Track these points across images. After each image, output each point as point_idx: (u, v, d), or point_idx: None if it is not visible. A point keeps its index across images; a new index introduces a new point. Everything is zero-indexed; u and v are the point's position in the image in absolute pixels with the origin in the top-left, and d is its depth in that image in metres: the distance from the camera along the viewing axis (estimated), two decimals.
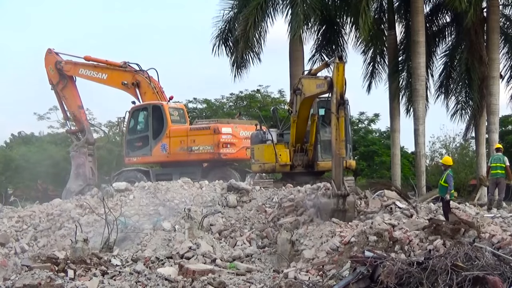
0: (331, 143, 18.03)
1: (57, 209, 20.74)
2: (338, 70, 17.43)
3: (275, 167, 21.84)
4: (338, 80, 17.40)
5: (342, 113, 17.13)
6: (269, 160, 21.81)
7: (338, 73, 17.45)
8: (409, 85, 30.99)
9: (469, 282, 9.76)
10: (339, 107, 17.16)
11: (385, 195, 18.78)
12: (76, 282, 12.94)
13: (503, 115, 41.25)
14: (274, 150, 21.68)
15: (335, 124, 17.14)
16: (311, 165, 21.92)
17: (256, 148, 22.42)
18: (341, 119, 17.08)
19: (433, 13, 32.58)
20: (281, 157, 21.64)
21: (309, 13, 28.17)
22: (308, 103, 20.63)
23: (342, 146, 17.31)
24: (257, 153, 22.36)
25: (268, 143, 21.94)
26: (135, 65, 26.61)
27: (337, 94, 17.26)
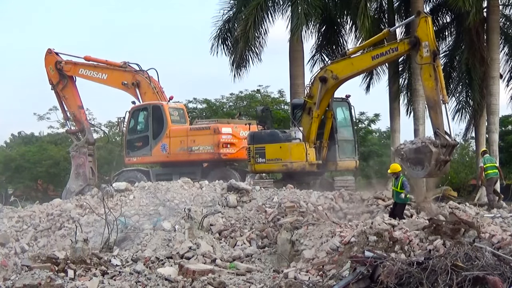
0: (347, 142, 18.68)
1: (57, 209, 20.75)
2: (427, 23, 18.79)
3: (305, 166, 21.78)
4: (429, 33, 18.70)
5: (439, 62, 18.87)
6: (299, 159, 21.69)
7: (427, 27, 18.80)
8: (409, 86, 30.96)
9: (469, 282, 9.76)
10: (435, 57, 18.66)
11: (386, 196, 18.80)
12: (76, 282, 12.95)
13: (503, 115, 41.20)
14: (305, 149, 21.59)
15: (431, 75, 18.50)
16: (325, 165, 22.03)
17: (272, 147, 22.17)
18: (439, 68, 18.68)
19: (433, 13, 32.52)
20: (309, 156, 21.63)
21: (309, 13, 28.14)
22: (332, 91, 21.38)
23: (445, 93, 18.86)
24: (274, 152, 22.14)
25: (295, 142, 21.85)
26: (135, 65, 26.63)
27: (432, 46, 18.63)
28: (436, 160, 18.17)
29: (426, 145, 18.37)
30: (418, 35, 18.97)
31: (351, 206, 18.77)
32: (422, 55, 18.75)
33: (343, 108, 22.81)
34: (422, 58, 18.77)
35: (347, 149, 22.62)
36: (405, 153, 18.73)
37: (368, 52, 20.48)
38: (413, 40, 19.05)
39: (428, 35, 18.73)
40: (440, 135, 18.36)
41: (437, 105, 18.53)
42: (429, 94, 18.80)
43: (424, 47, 18.69)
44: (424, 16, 19.09)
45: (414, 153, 18.59)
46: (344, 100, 22.91)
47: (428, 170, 18.35)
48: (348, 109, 22.88)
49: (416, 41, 18.92)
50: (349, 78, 21.24)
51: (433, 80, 18.52)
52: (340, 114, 22.74)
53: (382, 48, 20.01)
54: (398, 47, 19.55)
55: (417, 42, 18.90)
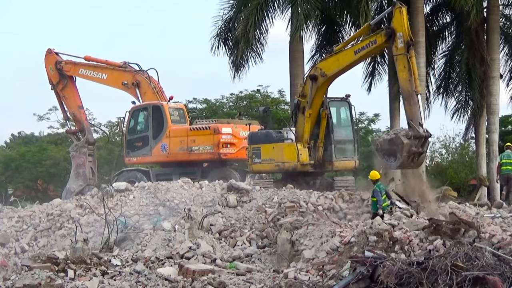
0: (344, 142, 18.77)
1: (57, 209, 20.75)
2: (401, 14, 18.74)
3: (296, 167, 21.74)
4: (404, 23, 18.69)
5: (413, 53, 18.67)
6: (291, 159, 21.69)
7: (402, 17, 18.77)
8: None
9: (469, 282, 9.76)
10: (409, 47, 18.57)
11: None
12: (76, 282, 12.95)
13: (503, 115, 41.18)
14: (296, 149, 21.58)
15: (405, 65, 18.54)
16: (321, 165, 21.97)
17: (267, 147, 22.20)
18: (413, 59, 18.60)
19: (433, 13, 32.53)
20: (301, 156, 21.62)
21: (309, 13, 28.14)
22: (323, 89, 21.28)
23: (418, 83, 18.83)
24: (270, 153, 22.15)
25: (287, 142, 21.88)
26: (135, 65, 26.62)
27: (405, 36, 18.59)
28: (408, 151, 18.26)
29: (398, 136, 18.48)
30: (393, 26, 18.90)
31: (351, 206, 18.76)
32: (397, 46, 18.70)
33: (342, 107, 22.74)
34: (397, 49, 18.73)
35: (344, 149, 22.48)
36: (380, 144, 18.95)
37: (351, 47, 20.48)
38: (388, 31, 18.98)
39: (402, 25, 18.67)
40: (412, 126, 18.36)
41: (410, 96, 18.53)
42: (403, 85, 18.80)
43: (399, 38, 18.62)
44: (399, 6, 18.92)
45: (387, 144, 18.73)
46: (344, 100, 22.87)
47: (400, 161, 18.47)
48: (348, 108, 22.76)
49: (391, 32, 18.85)
50: (337, 74, 21.08)
51: (407, 71, 18.51)
52: (339, 114, 22.67)
53: (363, 42, 20.02)
54: (376, 40, 19.45)
55: (392, 33, 18.83)
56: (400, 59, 18.75)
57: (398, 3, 18.93)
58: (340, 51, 20.71)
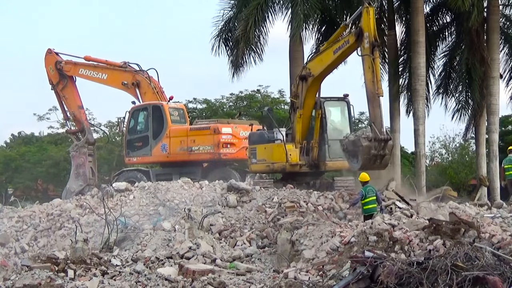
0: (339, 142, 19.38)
1: (57, 209, 20.75)
2: (368, 14, 18.71)
3: (285, 167, 21.72)
4: (370, 24, 18.66)
5: (377, 54, 18.64)
6: (279, 159, 21.69)
7: (369, 17, 18.75)
8: (409, 86, 30.95)
9: (469, 282, 9.76)
10: (373, 48, 18.52)
11: (386, 196, 18.80)
12: (76, 282, 12.96)
13: (503, 115, 41.21)
14: (284, 150, 21.55)
15: (370, 67, 18.48)
16: (316, 165, 21.91)
17: (261, 147, 22.26)
18: (376, 60, 18.57)
19: (433, 13, 32.51)
20: (291, 157, 21.59)
21: (309, 13, 28.13)
22: (315, 88, 21.24)
23: (380, 85, 18.74)
24: (262, 153, 22.18)
25: (277, 142, 21.87)
26: (135, 65, 26.61)
27: (371, 37, 18.56)
28: (368, 154, 18.35)
29: (359, 138, 18.60)
30: (361, 26, 18.90)
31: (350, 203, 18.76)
32: (364, 46, 18.70)
33: (339, 107, 22.63)
34: (364, 49, 18.72)
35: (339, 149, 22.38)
36: (345, 145, 19.12)
37: (330, 47, 20.50)
38: (356, 31, 19.01)
39: (369, 26, 18.64)
40: (373, 128, 18.38)
41: (373, 98, 18.51)
42: (367, 86, 18.77)
43: (365, 38, 18.62)
44: (366, 7, 18.88)
45: (351, 145, 18.91)
46: (342, 99, 22.81)
47: (361, 163, 18.60)
48: (346, 108, 22.65)
49: (359, 32, 18.86)
50: (322, 74, 21.10)
51: (371, 72, 18.48)
52: (335, 114, 22.55)
53: (339, 42, 20.00)
54: (349, 40, 19.44)
55: (360, 33, 18.83)
56: (365, 60, 18.72)
57: (366, 3, 18.85)
58: (324, 51, 20.77)
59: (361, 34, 18.77)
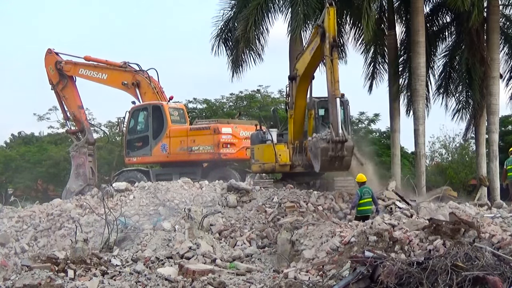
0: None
1: (57, 209, 20.75)
2: (329, 14, 18.56)
3: (274, 167, 21.76)
4: (330, 24, 18.51)
5: (336, 55, 18.42)
6: (269, 160, 21.75)
7: (329, 17, 18.58)
8: (409, 86, 30.95)
9: (469, 282, 9.76)
10: (332, 49, 18.36)
11: (386, 195, 18.80)
12: (76, 282, 12.96)
13: (503, 115, 41.22)
14: (274, 150, 21.61)
15: (329, 67, 18.38)
16: (310, 165, 21.87)
17: (256, 148, 22.35)
18: (335, 61, 18.35)
19: (433, 13, 32.52)
20: (280, 157, 21.60)
21: (309, 12, 28.13)
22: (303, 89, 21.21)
23: (337, 87, 18.48)
24: (257, 153, 22.30)
25: (268, 143, 21.90)
26: (135, 65, 26.63)
27: (330, 38, 18.45)
28: (326, 155, 18.30)
29: (317, 140, 18.64)
30: (324, 26, 18.84)
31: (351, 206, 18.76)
32: (326, 47, 18.64)
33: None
34: (326, 49, 18.65)
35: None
36: (310, 145, 19.18)
37: (307, 47, 20.54)
38: (320, 30, 18.95)
39: (329, 26, 18.55)
40: (331, 130, 18.34)
41: (332, 99, 18.48)
42: (327, 87, 18.75)
43: (326, 38, 18.57)
44: (327, 7, 18.79)
45: (313, 146, 18.95)
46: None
47: (320, 164, 18.63)
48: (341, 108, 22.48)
49: (323, 33, 18.80)
50: (306, 74, 21.02)
51: (330, 73, 18.42)
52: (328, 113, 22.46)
53: (312, 42, 20.01)
54: (317, 40, 19.39)
55: (323, 33, 18.78)
56: (326, 60, 18.71)
57: (327, 3, 18.78)
58: (304, 51, 20.86)
59: (323, 35, 18.72)
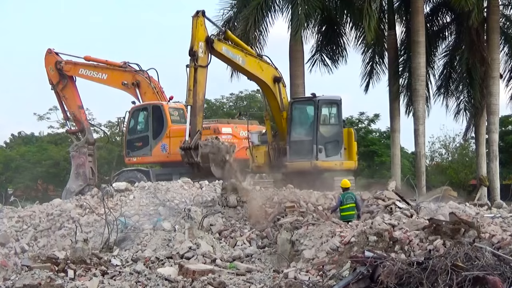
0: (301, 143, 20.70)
1: (57, 209, 20.73)
2: (192, 24, 18.97)
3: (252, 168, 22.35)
4: (191, 33, 18.96)
5: (192, 63, 18.76)
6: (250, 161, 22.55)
7: (192, 27, 19.08)
8: (409, 86, 30.98)
9: (469, 282, 9.75)
10: (191, 58, 18.87)
11: (386, 196, 18.78)
12: (76, 282, 12.94)
13: (503, 115, 41.28)
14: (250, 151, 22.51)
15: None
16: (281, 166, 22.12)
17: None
18: (190, 69, 18.76)
19: (433, 13, 32.56)
20: (257, 158, 21.97)
21: (310, 13, 28.15)
22: (266, 93, 21.88)
23: (189, 95, 19.14)
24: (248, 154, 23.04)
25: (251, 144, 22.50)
26: (135, 65, 26.64)
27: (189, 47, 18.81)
28: (183, 162, 18.74)
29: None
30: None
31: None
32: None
33: (307, 107, 22.44)
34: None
35: (300, 150, 22.04)
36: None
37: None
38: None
39: (192, 35, 18.91)
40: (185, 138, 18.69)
41: (185, 107, 18.70)
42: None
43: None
44: (192, 16, 19.13)
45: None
46: (309, 99, 22.77)
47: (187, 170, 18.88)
48: (313, 108, 22.28)
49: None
50: (256, 79, 21.62)
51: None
52: (301, 114, 22.44)
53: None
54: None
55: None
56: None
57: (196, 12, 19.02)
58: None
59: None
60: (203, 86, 18.93)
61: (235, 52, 20.70)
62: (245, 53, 21.37)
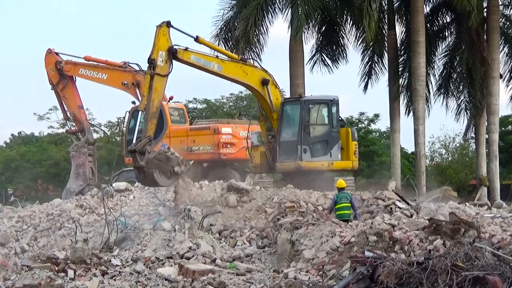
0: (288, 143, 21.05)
1: (57, 209, 20.74)
2: (154, 33, 19.00)
3: (250, 168, 22.60)
4: (153, 42, 18.96)
5: (148, 71, 18.76)
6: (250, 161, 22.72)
7: (154, 36, 19.04)
8: (409, 86, 30.97)
9: (469, 282, 9.75)
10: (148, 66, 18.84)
11: (386, 196, 18.79)
12: (76, 282, 12.95)
13: (503, 115, 41.28)
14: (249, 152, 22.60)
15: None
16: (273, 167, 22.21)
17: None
18: (146, 76, 18.92)
19: (433, 13, 32.55)
20: (254, 159, 22.04)
21: (310, 13, 28.14)
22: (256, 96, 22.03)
23: (141, 100, 19.50)
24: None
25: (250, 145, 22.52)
26: (135, 65, 26.58)
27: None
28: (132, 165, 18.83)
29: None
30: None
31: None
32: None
33: (294, 108, 22.41)
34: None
35: (287, 151, 21.99)
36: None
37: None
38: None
39: (153, 44, 18.96)
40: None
41: (147, 113, 18.98)
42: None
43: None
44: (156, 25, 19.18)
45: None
46: (296, 100, 22.82)
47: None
48: (299, 108, 22.23)
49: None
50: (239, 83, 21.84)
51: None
52: (290, 115, 22.44)
53: None
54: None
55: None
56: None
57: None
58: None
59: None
60: (159, 94, 19.01)
61: (209, 59, 20.57)
62: (222, 59, 21.13)
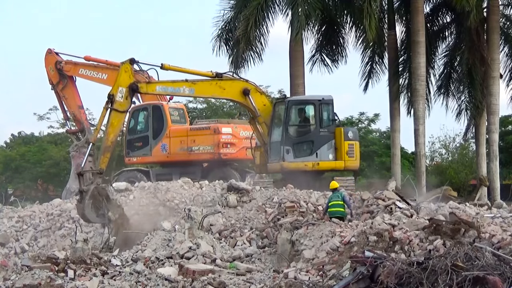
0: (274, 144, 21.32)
1: (57, 209, 20.76)
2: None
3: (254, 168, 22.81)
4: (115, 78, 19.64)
5: (107, 105, 19.12)
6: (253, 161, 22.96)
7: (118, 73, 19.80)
8: (409, 86, 30.96)
9: (469, 282, 9.76)
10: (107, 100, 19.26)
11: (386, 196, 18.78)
12: (76, 282, 12.95)
13: (503, 115, 41.24)
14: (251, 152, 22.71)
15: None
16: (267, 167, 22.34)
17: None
18: (103, 110, 19.16)
19: (433, 13, 32.53)
20: (256, 159, 22.17)
21: (310, 14, 28.13)
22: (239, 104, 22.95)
23: (95, 132, 20.38)
24: None
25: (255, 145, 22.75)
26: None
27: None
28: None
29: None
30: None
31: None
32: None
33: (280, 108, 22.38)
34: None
35: (274, 151, 21.96)
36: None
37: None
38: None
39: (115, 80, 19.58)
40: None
41: (102, 146, 19.23)
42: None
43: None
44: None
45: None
46: (281, 100, 22.83)
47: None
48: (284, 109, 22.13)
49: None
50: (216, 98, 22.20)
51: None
52: (278, 116, 22.40)
53: None
54: None
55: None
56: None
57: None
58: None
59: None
60: (115, 129, 19.09)
61: (177, 85, 20.63)
62: (193, 81, 21.10)
